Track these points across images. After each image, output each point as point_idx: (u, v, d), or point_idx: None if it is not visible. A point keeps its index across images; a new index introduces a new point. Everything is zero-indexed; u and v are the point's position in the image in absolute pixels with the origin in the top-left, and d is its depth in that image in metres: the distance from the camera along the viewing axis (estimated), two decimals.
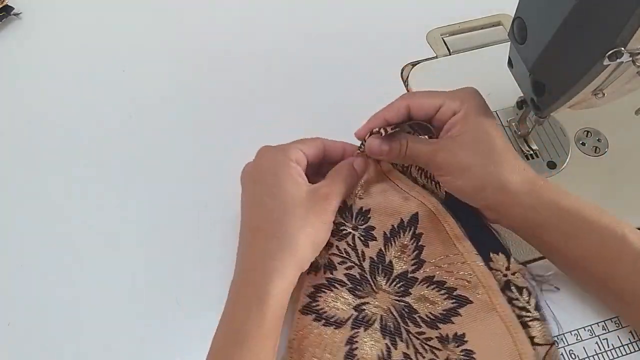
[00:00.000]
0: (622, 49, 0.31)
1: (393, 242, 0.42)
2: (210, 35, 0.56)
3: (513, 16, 0.39)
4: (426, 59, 0.54)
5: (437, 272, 0.41)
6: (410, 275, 0.41)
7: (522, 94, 0.44)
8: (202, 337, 0.40)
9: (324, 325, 0.38)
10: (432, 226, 0.42)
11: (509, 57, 0.43)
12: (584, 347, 0.40)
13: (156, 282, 0.42)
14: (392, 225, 0.42)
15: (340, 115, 0.51)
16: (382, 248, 0.42)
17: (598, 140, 0.49)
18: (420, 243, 0.42)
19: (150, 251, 0.44)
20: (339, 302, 0.39)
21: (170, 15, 0.58)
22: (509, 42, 0.41)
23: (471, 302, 0.39)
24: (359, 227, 0.42)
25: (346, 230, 0.42)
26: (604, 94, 0.37)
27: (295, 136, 0.49)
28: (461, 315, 0.39)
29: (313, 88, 0.52)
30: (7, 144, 0.49)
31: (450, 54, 0.55)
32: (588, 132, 0.49)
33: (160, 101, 0.51)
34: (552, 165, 0.47)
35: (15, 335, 0.40)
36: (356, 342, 0.38)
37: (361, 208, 0.43)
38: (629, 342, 0.40)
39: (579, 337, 0.40)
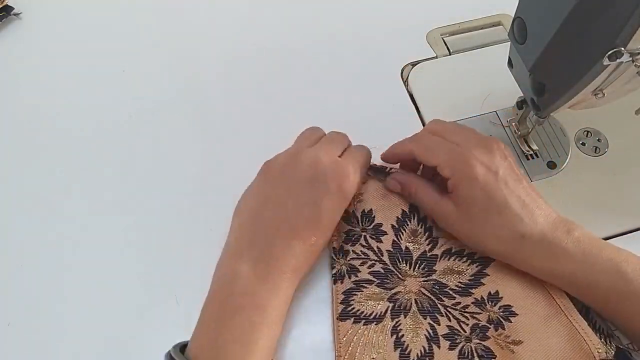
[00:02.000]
0: (622, 49, 0.32)
1: (403, 231, 0.43)
2: (209, 35, 0.56)
3: (513, 16, 0.39)
4: (426, 59, 0.54)
5: (453, 244, 0.42)
6: (429, 254, 0.42)
7: (522, 94, 0.44)
8: None
9: (364, 324, 0.39)
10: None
11: (509, 57, 0.43)
12: None
13: (156, 281, 0.42)
14: (397, 217, 0.43)
15: (340, 115, 0.51)
16: (395, 239, 0.43)
17: (598, 140, 0.49)
18: (428, 225, 0.43)
19: (150, 250, 0.44)
20: (372, 300, 0.40)
21: (170, 15, 0.58)
22: (509, 42, 0.41)
23: (494, 259, 0.41)
24: (367, 228, 0.43)
25: (356, 234, 0.43)
26: (604, 94, 0.37)
27: (294, 135, 0.49)
28: (489, 275, 0.41)
29: (313, 88, 0.52)
30: (7, 144, 0.49)
31: (450, 54, 0.55)
32: (588, 132, 0.49)
33: (160, 101, 0.51)
34: (552, 165, 0.47)
35: (15, 335, 0.40)
36: (400, 329, 0.39)
37: (364, 210, 0.43)
38: (629, 341, 0.40)
39: None
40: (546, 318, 0.38)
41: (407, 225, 0.43)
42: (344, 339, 0.39)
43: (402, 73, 0.53)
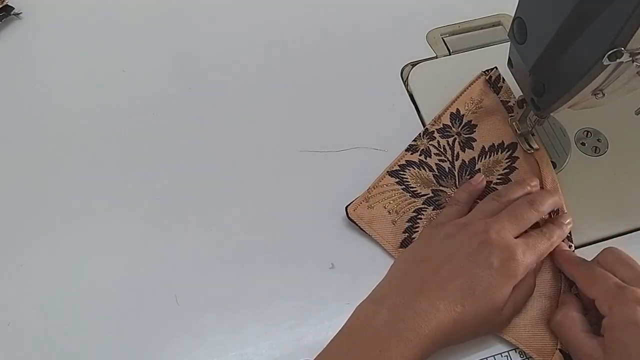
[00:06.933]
0: (622, 49, 0.31)
1: (488, 156, 0.47)
2: (209, 36, 0.56)
3: (513, 16, 0.39)
4: (426, 59, 0.54)
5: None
6: (492, 185, 0.46)
7: (522, 94, 0.44)
8: (201, 336, 0.40)
9: (403, 190, 0.45)
10: (527, 159, 0.47)
11: (509, 57, 0.43)
12: None
13: (156, 281, 0.42)
14: (493, 143, 0.47)
15: (340, 115, 0.51)
16: (476, 157, 0.47)
17: (598, 140, 0.49)
18: (514, 164, 0.46)
19: (150, 250, 0.44)
20: (422, 181, 0.46)
21: (170, 15, 0.58)
22: (509, 42, 0.41)
23: None
24: (462, 134, 0.48)
25: (451, 133, 0.48)
26: (604, 94, 0.37)
27: (294, 136, 0.49)
28: None
29: (313, 88, 0.52)
30: (6, 144, 0.49)
31: (450, 54, 0.55)
32: (588, 132, 0.49)
33: (160, 101, 0.51)
34: (552, 165, 0.47)
35: (15, 335, 0.40)
36: (423, 214, 0.44)
37: (470, 121, 0.48)
38: None
39: None
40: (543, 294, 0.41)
41: (496, 154, 0.47)
42: (380, 185, 0.45)
43: (402, 73, 0.53)
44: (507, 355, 0.39)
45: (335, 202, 0.45)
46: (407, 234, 0.43)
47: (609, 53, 0.32)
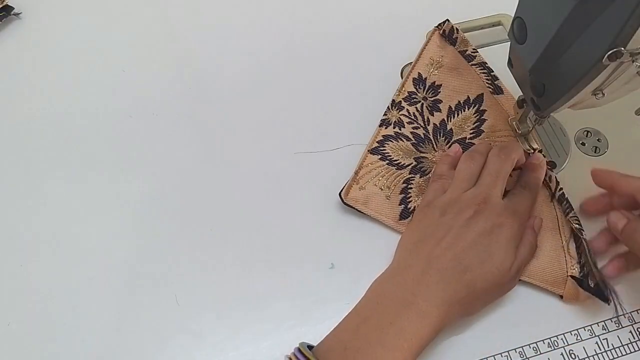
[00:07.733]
0: (622, 49, 0.31)
1: (456, 115, 0.48)
2: (209, 35, 0.56)
3: (513, 16, 0.39)
4: None
5: (492, 144, 0.47)
6: (468, 140, 0.48)
7: (522, 94, 0.44)
8: (201, 336, 0.40)
9: (387, 164, 0.46)
10: (495, 106, 0.48)
11: (509, 57, 0.43)
12: (584, 347, 0.40)
13: (156, 281, 0.42)
14: (459, 101, 0.49)
15: (340, 115, 0.51)
16: (445, 119, 0.48)
17: (598, 140, 0.49)
18: (483, 117, 0.48)
19: (150, 250, 0.44)
20: (402, 152, 0.47)
21: (170, 15, 0.58)
22: (509, 42, 0.41)
23: None
24: (428, 98, 0.49)
25: (417, 98, 0.49)
26: (604, 94, 0.37)
27: (294, 135, 0.49)
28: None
29: (313, 88, 0.52)
30: (6, 144, 0.49)
31: None
32: (588, 132, 0.49)
33: (160, 101, 0.51)
34: (552, 165, 0.47)
35: (15, 335, 0.40)
36: (412, 183, 0.46)
37: (433, 82, 0.49)
38: (629, 342, 0.40)
39: (579, 337, 0.40)
40: (543, 227, 0.43)
41: (463, 111, 0.48)
42: (365, 163, 0.46)
43: (402, 73, 0.53)
44: (507, 355, 0.39)
45: (336, 201, 0.45)
46: (402, 206, 0.45)
47: (609, 53, 0.32)
